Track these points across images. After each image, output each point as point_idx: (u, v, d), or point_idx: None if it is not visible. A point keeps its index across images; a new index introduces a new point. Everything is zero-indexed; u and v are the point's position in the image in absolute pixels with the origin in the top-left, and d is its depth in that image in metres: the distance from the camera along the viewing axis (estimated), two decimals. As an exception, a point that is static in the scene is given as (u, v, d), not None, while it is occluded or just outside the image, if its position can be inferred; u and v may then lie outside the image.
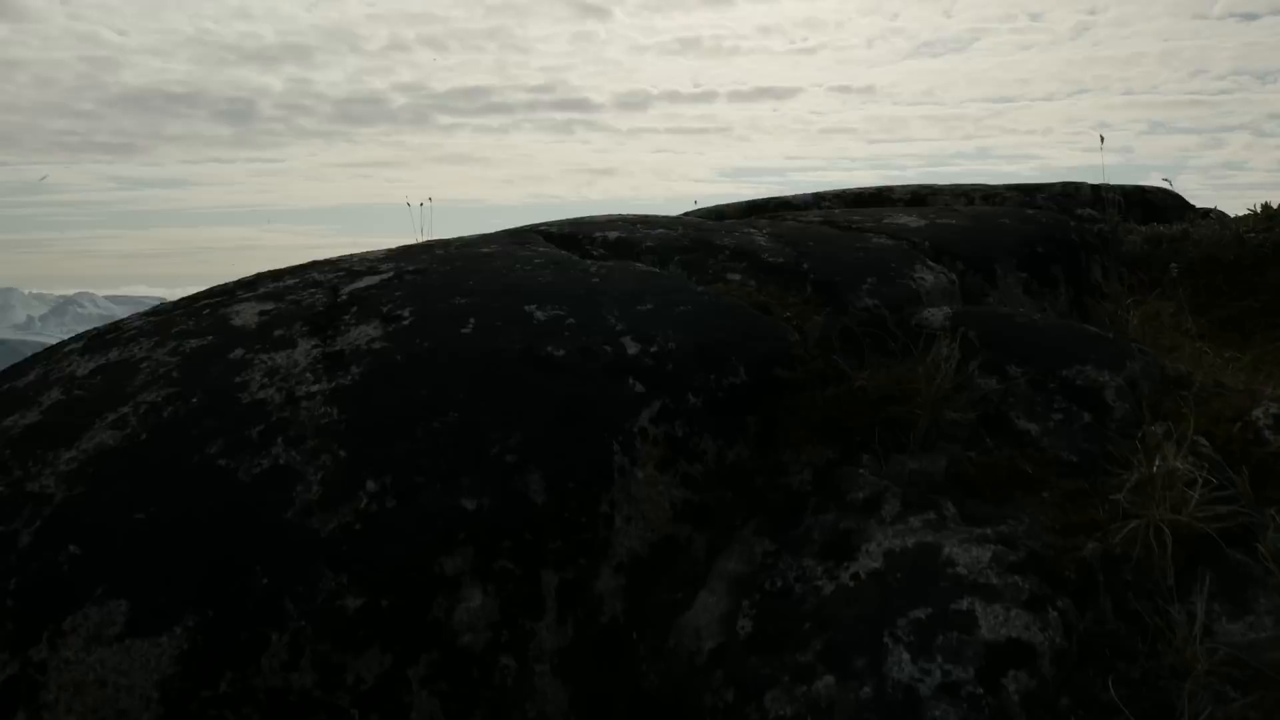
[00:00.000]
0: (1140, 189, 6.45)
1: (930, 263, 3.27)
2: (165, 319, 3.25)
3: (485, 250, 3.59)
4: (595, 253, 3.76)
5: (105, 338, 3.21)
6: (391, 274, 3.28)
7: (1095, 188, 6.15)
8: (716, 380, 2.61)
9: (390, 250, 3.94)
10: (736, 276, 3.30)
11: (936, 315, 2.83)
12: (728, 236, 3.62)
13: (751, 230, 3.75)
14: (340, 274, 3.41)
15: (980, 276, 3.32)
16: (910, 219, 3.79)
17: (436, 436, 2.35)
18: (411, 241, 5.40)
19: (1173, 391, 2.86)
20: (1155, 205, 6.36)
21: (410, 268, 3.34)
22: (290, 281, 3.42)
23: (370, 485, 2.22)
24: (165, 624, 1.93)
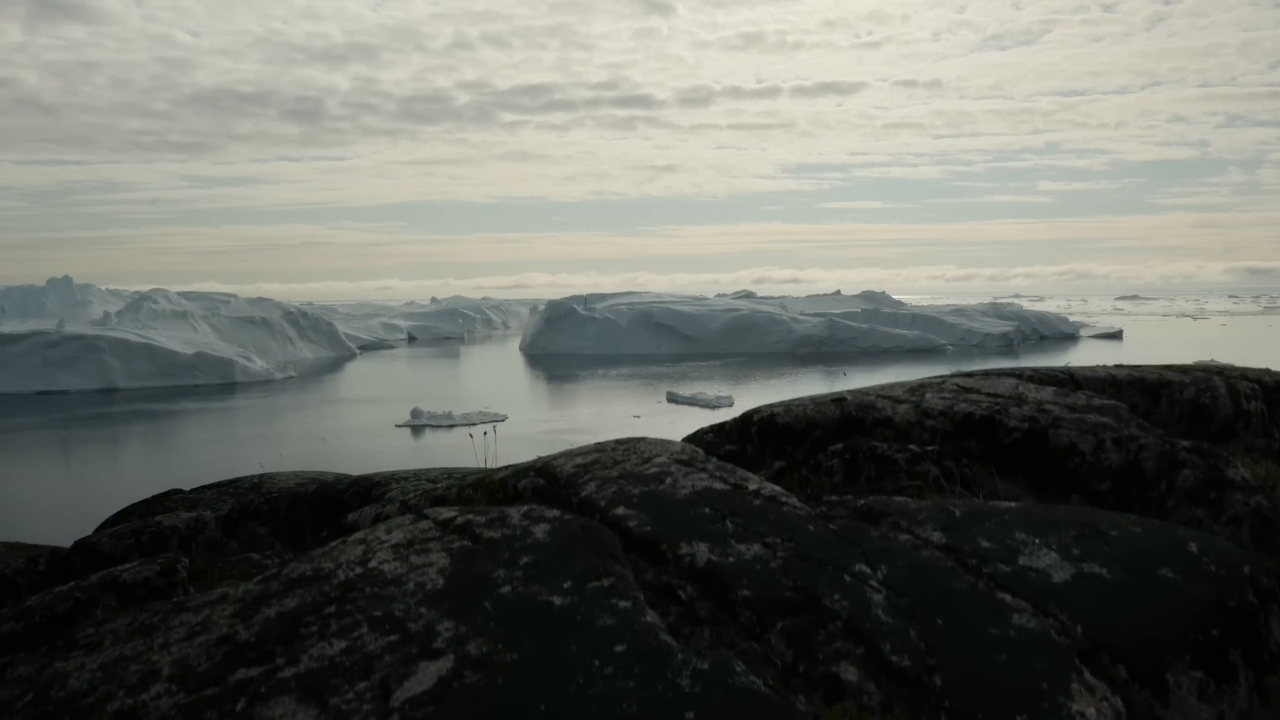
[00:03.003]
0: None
1: (1089, 677, 2.72)
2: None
3: (557, 604, 3.13)
4: (682, 592, 3.28)
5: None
6: (451, 665, 2.84)
7: (1232, 390, 5.49)
8: None
9: (451, 560, 3.50)
10: (852, 677, 2.80)
11: (1111, 811, 2.30)
12: (838, 588, 3.12)
13: (864, 570, 3.24)
14: (393, 642, 2.98)
15: (1148, 691, 2.77)
16: (1051, 560, 3.25)
17: None
18: (478, 462, 4.97)
19: None
20: (1301, 409, 5.68)
21: (473, 650, 2.90)
22: (338, 648, 2.99)
23: None
24: None
